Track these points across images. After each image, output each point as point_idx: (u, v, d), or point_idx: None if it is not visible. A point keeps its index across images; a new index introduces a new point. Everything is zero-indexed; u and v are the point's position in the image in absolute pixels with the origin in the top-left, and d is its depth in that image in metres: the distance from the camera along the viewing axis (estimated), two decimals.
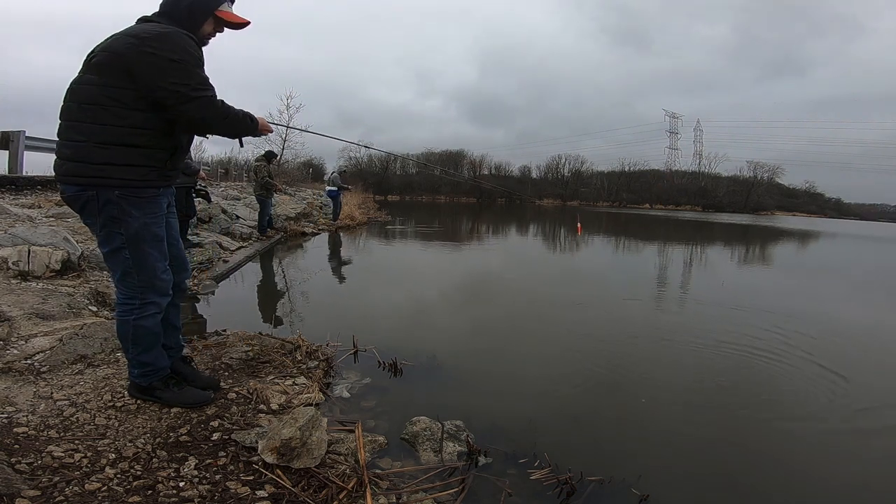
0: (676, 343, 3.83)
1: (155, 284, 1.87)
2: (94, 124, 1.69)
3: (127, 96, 1.69)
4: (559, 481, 1.85)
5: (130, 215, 1.76)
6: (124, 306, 1.86)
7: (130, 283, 1.84)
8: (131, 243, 1.79)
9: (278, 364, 2.59)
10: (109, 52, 1.68)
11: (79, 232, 4.57)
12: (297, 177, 23.26)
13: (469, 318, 4.31)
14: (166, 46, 1.68)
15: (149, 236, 1.82)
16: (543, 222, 21.46)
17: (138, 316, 1.85)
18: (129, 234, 1.78)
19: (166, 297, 1.93)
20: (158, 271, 1.87)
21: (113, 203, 1.73)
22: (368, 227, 13.51)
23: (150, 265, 1.84)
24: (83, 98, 1.70)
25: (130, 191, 1.75)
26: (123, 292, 1.86)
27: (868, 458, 2.25)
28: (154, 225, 1.84)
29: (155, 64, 1.66)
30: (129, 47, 1.66)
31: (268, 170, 8.60)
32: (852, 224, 48.84)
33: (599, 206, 56.50)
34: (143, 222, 1.79)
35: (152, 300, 1.87)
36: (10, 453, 1.54)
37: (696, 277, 7.80)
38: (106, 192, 1.72)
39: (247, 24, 1.95)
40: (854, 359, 3.67)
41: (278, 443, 1.67)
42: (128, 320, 1.86)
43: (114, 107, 1.69)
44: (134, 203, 1.76)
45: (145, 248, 1.81)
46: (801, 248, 15.52)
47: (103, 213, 1.75)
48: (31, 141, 8.19)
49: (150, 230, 1.82)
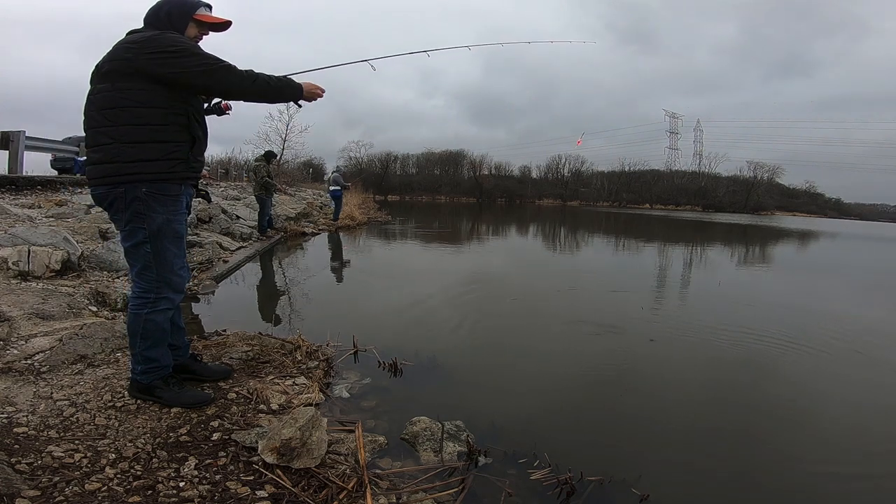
0: (676, 342, 3.83)
1: (171, 280, 1.95)
2: (117, 126, 1.80)
3: (141, 96, 1.80)
4: (559, 481, 1.85)
5: (155, 211, 1.86)
6: (139, 300, 1.93)
7: (149, 277, 1.92)
8: (153, 238, 1.88)
9: (278, 364, 2.59)
10: (117, 60, 1.81)
11: (78, 232, 4.58)
12: (297, 177, 23.24)
13: (469, 317, 4.31)
14: (162, 43, 1.80)
15: (170, 233, 1.91)
16: (543, 222, 21.47)
17: (151, 310, 1.92)
18: (151, 229, 1.87)
19: (180, 294, 2.01)
20: (176, 267, 1.96)
21: (140, 200, 1.83)
22: (368, 227, 13.52)
23: (168, 260, 1.92)
24: (102, 104, 1.82)
25: (157, 187, 1.85)
26: (140, 286, 1.93)
27: (869, 458, 2.25)
28: (176, 222, 1.93)
29: (162, 59, 1.78)
30: (132, 52, 1.79)
31: (267, 170, 8.60)
32: (852, 224, 48.85)
33: (599, 206, 56.50)
34: (166, 218, 1.89)
35: (166, 295, 1.95)
36: (10, 453, 1.54)
37: (696, 277, 7.80)
38: (134, 189, 1.82)
39: (228, 23, 2.05)
40: (854, 354, 3.67)
41: (278, 443, 1.67)
42: (140, 314, 1.92)
43: (131, 107, 1.80)
44: (159, 200, 1.86)
45: (166, 244, 1.91)
46: (802, 247, 15.52)
47: (129, 209, 1.84)
48: (31, 141, 8.20)
49: (171, 227, 1.91)
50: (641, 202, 65.06)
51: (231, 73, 1.87)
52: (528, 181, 65.91)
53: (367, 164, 58.31)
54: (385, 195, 46.57)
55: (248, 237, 8.02)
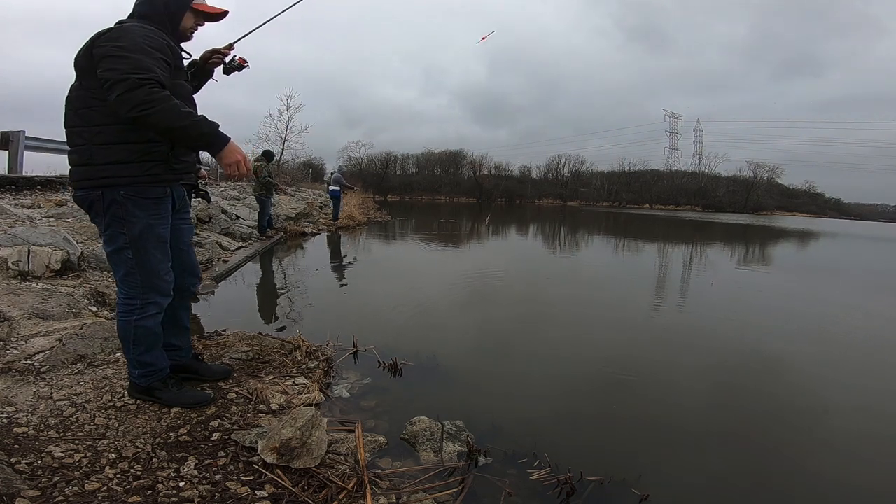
0: (676, 342, 3.83)
1: (157, 285, 1.87)
2: (89, 126, 1.72)
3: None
4: (559, 481, 1.85)
5: (135, 216, 1.77)
6: (125, 307, 1.87)
7: (132, 283, 1.84)
8: (134, 244, 1.79)
9: (278, 364, 2.59)
10: (81, 56, 1.71)
11: (78, 232, 4.57)
12: (298, 177, 23.21)
13: (469, 317, 4.31)
14: (113, 38, 1.66)
15: (152, 237, 1.82)
16: (543, 222, 21.46)
17: (140, 317, 1.86)
18: (132, 234, 1.78)
19: (167, 297, 1.94)
20: (161, 272, 1.88)
21: (118, 203, 1.75)
22: (368, 227, 13.51)
23: (152, 266, 1.84)
24: (76, 104, 1.74)
25: (137, 189, 1.76)
26: (125, 292, 1.86)
27: (871, 459, 2.25)
28: (158, 226, 1.84)
29: (99, 56, 1.64)
30: (88, 48, 1.68)
31: (268, 169, 8.60)
32: (852, 224, 48.83)
33: (599, 206, 56.49)
34: (147, 223, 1.80)
35: (154, 300, 1.88)
36: (10, 453, 1.54)
37: (695, 277, 7.79)
38: (112, 192, 1.74)
39: (224, 13, 1.99)
40: (857, 360, 3.67)
41: (278, 443, 1.67)
42: (129, 321, 1.86)
43: (101, 107, 1.69)
44: (139, 204, 1.77)
45: (148, 249, 1.82)
46: (801, 247, 15.51)
47: (108, 213, 1.76)
48: (31, 141, 8.19)
49: (153, 231, 1.82)
50: (641, 202, 65.03)
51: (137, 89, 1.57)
52: (527, 181, 65.86)
53: (367, 165, 58.29)
54: (385, 195, 46.54)
55: (248, 237, 8.02)
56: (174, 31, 1.88)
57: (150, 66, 1.63)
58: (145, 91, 1.58)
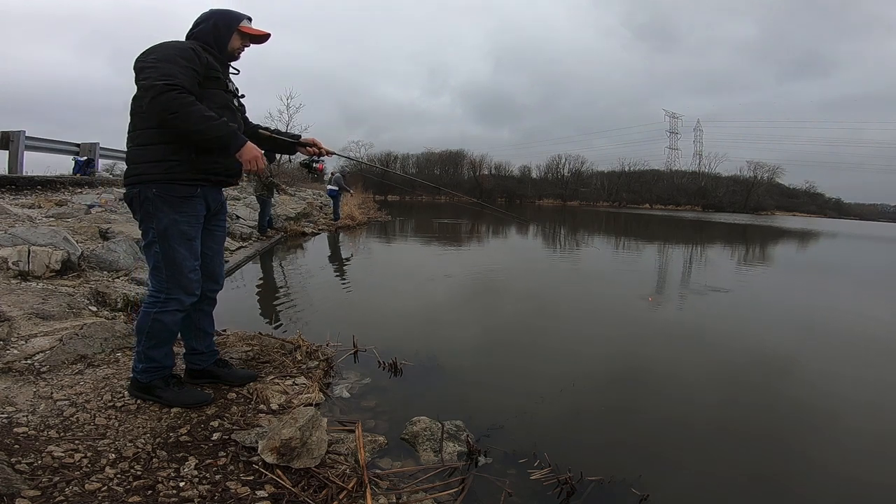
0: (677, 342, 3.84)
1: (181, 281, 1.95)
2: (134, 131, 1.90)
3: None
4: (559, 481, 1.85)
5: (161, 211, 1.89)
6: (151, 298, 1.97)
7: (159, 276, 1.95)
8: (161, 238, 1.91)
9: (278, 364, 2.59)
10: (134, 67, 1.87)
11: (78, 232, 4.57)
12: (298, 177, 23.17)
13: (469, 317, 4.31)
14: (148, 52, 1.84)
15: (177, 233, 1.92)
16: (543, 222, 21.45)
17: (160, 310, 1.93)
18: (158, 229, 1.90)
19: (192, 296, 2.00)
20: (186, 269, 1.95)
21: (149, 200, 1.89)
22: (368, 227, 13.51)
23: (177, 262, 1.93)
24: (130, 113, 1.92)
25: (165, 187, 1.88)
26: (153, 285, 1.97)
27: (873, 459, 2.25)
28: (183, 223, 1.93)
29: (137, 69, 1.82)
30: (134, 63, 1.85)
31: (269, 169, 8.60)
32: (852, 224, 48.81)
33: (599, 206, 56.48)
34: (173, 219, 1.90)
35: (176, 297, 1.95)
36: (10, 453, 1.54)
37: (695, 276, 7.79)
38: (145, 189, 1.88)
39: (268, 36, 2.12)
40: (857, 356, 3.67)
41: (278, 443, 1.67)
42: (150, 312, 1.94)
43: (140, 113, 1.86)
44: (167, 200, 1.89)
45: (173, 245, 1.92)
46: (801, 247, 15.52)
47: (142, 209, 1.91)
48: (31, 141, 8.21)
49: (178, 227, 1.92)
50: (641, 202, 64.95)
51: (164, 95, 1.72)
52: (528, 181, 65.75)
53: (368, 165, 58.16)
54: (385, 195, 46.54)
55: (248, 237, 8.01)
56: (222, 51, 2.03)
57: (175, 73, 1.78)
58: (171, 96, 1.73)
